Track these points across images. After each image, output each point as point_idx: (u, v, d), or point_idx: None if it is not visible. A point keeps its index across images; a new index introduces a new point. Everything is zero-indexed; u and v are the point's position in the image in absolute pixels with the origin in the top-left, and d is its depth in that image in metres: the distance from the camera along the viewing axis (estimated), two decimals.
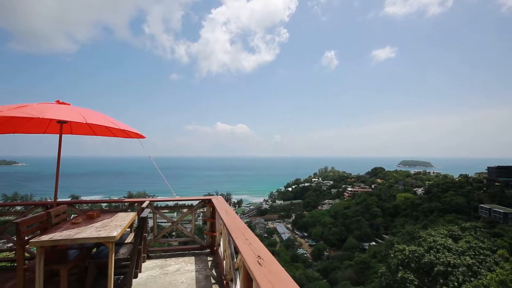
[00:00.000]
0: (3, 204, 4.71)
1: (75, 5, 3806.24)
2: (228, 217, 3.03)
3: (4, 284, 3.44)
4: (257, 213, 77.73)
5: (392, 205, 61.04)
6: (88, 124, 4.18)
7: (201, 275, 3.67)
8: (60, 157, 4.01)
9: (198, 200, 4.90)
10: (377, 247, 44.14)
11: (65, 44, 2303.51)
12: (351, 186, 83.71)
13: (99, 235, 2.93)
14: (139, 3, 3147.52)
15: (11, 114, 2.92)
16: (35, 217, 3.26)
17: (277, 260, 1.80)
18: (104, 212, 4.04)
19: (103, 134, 4.90)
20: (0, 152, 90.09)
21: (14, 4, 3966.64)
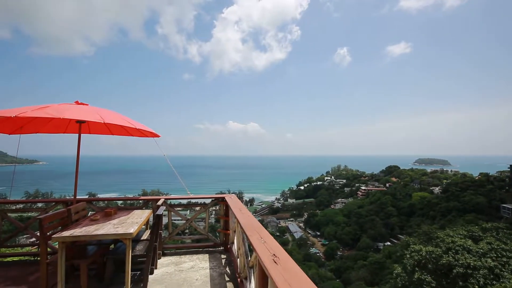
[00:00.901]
0: (26, 201, 4.93)
1: (92, 8, 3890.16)
2: (242, 216, 3.04)
3: (28, 277, 3.59)
4: (269, 211, 77.71)
5: (407, 204, 59.50)
6: (105, 123, 4.30)
7: (215, 273, 3.71)
8: (79, 156, 4.14)
9: (211, 198, 4.95)
10: (392, 247, 43.18)
11: (83, 47, 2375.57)
12: (365, 185, 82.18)
13: (117, 232, 3.01)
14: (153, 4, 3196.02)
15: (34, 115, 3.04)
16: (57, 213, 3.39)
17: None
18: (120, 210, 4.15)
19: (119, 133, 5.02)
20: (23, 151, 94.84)
21: (36, 10, 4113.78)
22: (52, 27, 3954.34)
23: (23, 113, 3.06)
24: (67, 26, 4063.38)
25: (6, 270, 3.82)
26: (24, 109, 3.21)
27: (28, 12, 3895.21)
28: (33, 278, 3.53)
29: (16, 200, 5.01)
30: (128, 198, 5.28)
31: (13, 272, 3.77)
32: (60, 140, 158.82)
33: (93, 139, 4.35)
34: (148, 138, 4.99)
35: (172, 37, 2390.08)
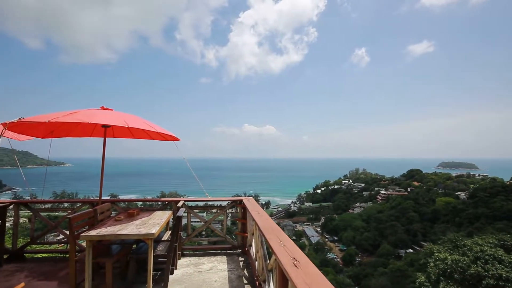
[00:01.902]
0: (55, 201, 5.20)
1: (114, 17, 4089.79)
2: (260, 218, 3.05)
3: (58, 272, 3.80)
4: (285, 215, 77.03)
5: (431, 210, 56.84)
6: (128, 127, 4.48)
7: (233, 275, 3.73)
8: (104, 159, 4.34)
9: (229, 200, 5.00)
10: (414, 254, 41.36)
11: (107, 54, 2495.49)
12: (385, 189, 79.46)
13: (139, 232, 3.12)
14: (171, 11, 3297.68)
15: (64, 120, 3.23)
16: (84, 213, 3.56)
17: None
18: (142, 211, 4.30)
19: (141, 137, 5.22)
20: (51, 154, 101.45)
21: (65, 20, 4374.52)
22: (79, 37, 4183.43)
23: (55, 119, 3.26)
24: (92, 35, 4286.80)
25: (39, 266, 4.07)
26: (55, 115, 3.42)
27: (57, 23, 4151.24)
28: (62, 274, 3.73)
29: (45, 200, 5.31)
30: (149, 200, 5.46)
31: (45, 267, 4.00)
32: (84, 143, 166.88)
33: (115, 142, 4.55)
34: (166, 141, 5.16)
35: (189, 42, 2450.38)
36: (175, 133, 4.70)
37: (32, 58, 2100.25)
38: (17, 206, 4.55)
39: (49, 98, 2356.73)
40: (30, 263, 4.21)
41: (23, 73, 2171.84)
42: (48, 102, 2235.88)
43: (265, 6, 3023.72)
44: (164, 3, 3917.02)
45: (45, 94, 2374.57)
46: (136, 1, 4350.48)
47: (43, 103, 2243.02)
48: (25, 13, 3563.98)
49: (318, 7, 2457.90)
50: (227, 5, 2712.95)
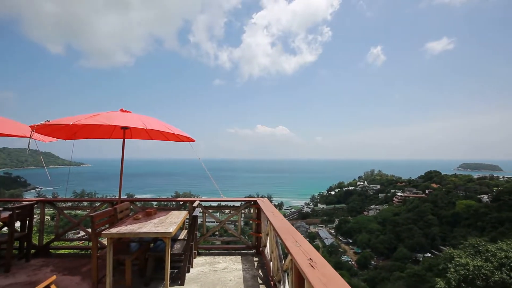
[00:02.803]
0: (77, 200, 5.44)
1: (132, 21, 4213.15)
2: (275, 219, 3.07)
3: (81, 268, 3.97)
4: (298, 216, 76.39)
5: (450, 213, 54.66)
6: (146, 129, 4.63)
7: (248, 275, 3.77)
8: (123, 160, 4.50)
9: (244, 201, 5.05)
10: (433, 259, 39.89)
11: (124, 58, 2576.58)
12: (401, 191, 77.20)
13: (158, 231, 3.21)
14: (186, 14, 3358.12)
15: (87, 122, 3.38)
16: (105, 212, 3.71)
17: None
18: (160, 210, 4.41)
19: (157, 138, 5.36)
20: (73, 155, 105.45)
21: (84, 25, 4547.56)
22: (98, 41, 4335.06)
23: (78, 121, 3.42)
24: (110, 40, 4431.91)
25: (63, 261, 4.27)
26: (78, 117, 3.58)
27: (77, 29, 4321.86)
28: (85, 270, 3.89)
29: (68, 198, 5.55)
30: (166, 199, 5.59)
31: (68, 263, 4.19)
32: (102, 144, 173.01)
33: (132, 143, 4.71)
34: (181, 142, 5.28)
35: (203, 44, 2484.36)
36: (189, 134, 4.80)
37: (54, 63, 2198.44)
38: (43, 204, 4.79)
39: (71, 101, 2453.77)
40: (55, 258, 4.42)
41: (46, 77, 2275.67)
42: (70, 105, 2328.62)
43: (278, 7, 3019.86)
44: (179, 6, 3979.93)
45: (67, 98, 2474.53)
46: (153, 5, 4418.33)
47: (65, 106, 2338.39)
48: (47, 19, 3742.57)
49: (332, 6, 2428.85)
50: (240, 7, 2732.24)
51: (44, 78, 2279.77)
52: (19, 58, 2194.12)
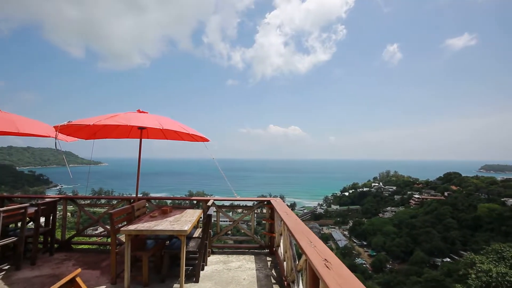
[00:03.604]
0: (96, 197, 5.64)
1: (147, 23, 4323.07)
2: (289, 219, 3.07)
3: (100, 263, 4.12)
4: (311, 217, 75.66)
5: (471, 216, 52.41)
6: (162, 129, 4.74)
7: (261, 274, 3.78)
8: (140, 159, 4.62)
9: (257, 201, 5.07)
10: (452, 264, 38.43)
11: (140, 60, 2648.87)
12: (419, 193, 74.85)
13: (173, 228, 3.29)
14: (199, 15, 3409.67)
15: (107, 123, 3.51)
16: (123, 209, 3.83)
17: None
18: (175, 208, 4.51)
19: (172, 138, 5.47)
20: (89, 154, 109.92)
21: (103, 29, 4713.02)
22: (115, 44, 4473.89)
23: (99, 121, 3.55)
24: (127, 42, 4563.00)
25: (83, 256, 4.44)
26: (99, 118, 3.72)
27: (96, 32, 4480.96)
28: (104, 265, 4.04)
29: (88, 196, 5.77)
30: (181, 198, 5.71)
31: (88, 257, 4.36)
32: (118, 144, 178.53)
33: (146, 142, 4.84)
34: (194, 142, 5.36)
35: (216, 45, 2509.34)
36: (202, 134, 4.87)
37: (74, 66, 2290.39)
38: (65, 201, 5.01)
39: (90, 102, 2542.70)
40: (76, 253, 4.61)
41: (67, 79, 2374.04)
42: (89, 106, 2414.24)
43: (292, 6, 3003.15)
44: (193, 8, 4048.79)
45: (87, 99, 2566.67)
46: (168, 7, 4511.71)
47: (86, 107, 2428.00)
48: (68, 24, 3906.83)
49: (347, 4, 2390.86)
50: (253, 7, 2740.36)
51: (65, 80, 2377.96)
52: (42, 62, 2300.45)
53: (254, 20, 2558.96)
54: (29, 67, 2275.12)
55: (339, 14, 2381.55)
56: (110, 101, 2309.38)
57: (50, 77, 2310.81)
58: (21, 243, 3.86)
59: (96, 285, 3.35)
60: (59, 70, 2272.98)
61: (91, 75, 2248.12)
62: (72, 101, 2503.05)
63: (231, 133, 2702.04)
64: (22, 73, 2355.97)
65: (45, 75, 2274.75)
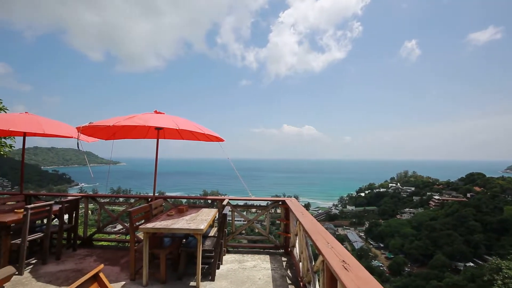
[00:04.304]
0: (115, 196, 5.83)
1: (163, 26, 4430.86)
2: (305, 219, 3.04)
3: (120, 259, 4.25)
4: (326, 218, 74.60)
5: (497, 219, 49.80)
6: (178, 129, 4.82)
7: (276, 274, 3.77)
8: (157, 159, 4.73)
9: (272, 200, 5.06)
10: (476, 269, 36.69)
11: (156, 62, 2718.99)
12: (439, 194, 72.02)
13: (190, 227, 3.34)
14: (214, 16, 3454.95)
15: (126, 123, 3.62)
16: (142, 207, 3.93)
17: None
18: (191, 207, 4.58)
19: (188, 138, 5.56)
20: (108, 154, 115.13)
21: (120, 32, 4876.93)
22: (132, 47, 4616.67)
23: (118, 122, 3.67)
24: (143, 45, 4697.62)
25: (104, 252, 4.61)
26: (118, 119, 3.84)
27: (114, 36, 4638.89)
28: (123, 261, 4.16)
29: (108, 194, 5.96)
30: (197, 197, 5.80)
31: (108, 254, 4.51)
32: (135, 144, 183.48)
33: (162, 143, 4.95)
34: (209, 142, 5.42)
35: (230, 46, 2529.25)
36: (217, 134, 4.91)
37: (94, 69, 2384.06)
38: (87, 199, 5.21)
39: (109, 104, 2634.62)
40: (97, 249, 4.78)
41: (87, 82, 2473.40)
42: (108, 108, 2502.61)
43: (305, 4, 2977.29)
44: (207, 9, 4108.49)
45: (106, 100, 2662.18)
46: (183, 9, 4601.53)
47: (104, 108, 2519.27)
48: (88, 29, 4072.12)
49: (363, 0, 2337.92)
50: (267, 7, 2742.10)
51: (85, 83, 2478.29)
52: (64, 66, 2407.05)
53: (268, 19, 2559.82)
54: (53, 71, 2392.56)
55: (355, 10, 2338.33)
56: (127, 103, 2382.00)
57: (71, 81, 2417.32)
58: (47, 239, 4.05)
59: (116, 281, 3.45)
60: (80, 73, 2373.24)
61: (109, 77, 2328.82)
62: (92, 103, 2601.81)
63: (244, 133, 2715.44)
64: (46, 77, 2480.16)
65: (68, 79, 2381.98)
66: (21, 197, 4.94)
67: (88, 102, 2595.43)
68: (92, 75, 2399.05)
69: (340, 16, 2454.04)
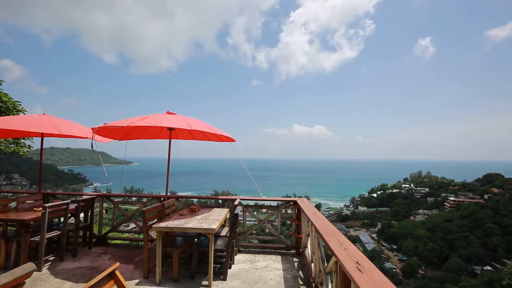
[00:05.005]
0: (129, 195, 5.94)
1: (174, 28, 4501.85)
2: (317, 220, 3.00)
3: (133, 258, 4.33)
4: (337, 218, 73.70)
5: None
6: (190, 130, 4.88)
7: (288, 275, 3.75)
8: (170, 159, 4.80)
9: (283, 201, 5.04)
10: (494, 273, 35.44)
11: (168, 63, 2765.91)
12: (454, 195, 69.87)
13: (202, 227, 3.37)
14: (225, 16, 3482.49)
15: (139, 124, 3.68)
16: (155, 207, 4.00)
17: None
18: (203, 207, 4.62)
19: (199, 138, 5.61)
20: (121, 154, 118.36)
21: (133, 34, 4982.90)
22: (145, 49, 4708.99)
23: (132, 123, 3.74)
24: (156, 47, 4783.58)
25: (118, 250, 4.71)
26: (131, 120, 3.91)
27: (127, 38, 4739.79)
28: (137, 259, 4.24)
29: (122, 194, 6.09)
30: (209, 197, 5.84)
31: (122, 252, 4.61)
32: (147, 144, 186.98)
33: (173, 143, 5.01)
34: (220, 142, 5.45)
35: (241, 46, 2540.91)
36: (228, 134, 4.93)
37: (108, 71, 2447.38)
38: (101, 198, 5.34)
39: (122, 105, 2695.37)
40: (111, 247, 4.89)
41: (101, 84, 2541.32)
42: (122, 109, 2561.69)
43: (317, 4, 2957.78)
44: (219, 10, 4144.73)
45: (119, 102, 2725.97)
46: (194, 10, 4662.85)
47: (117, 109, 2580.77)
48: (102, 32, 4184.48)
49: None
50: (278, 7, 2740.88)
51: (99, 84, 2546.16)
52: (79, 68, 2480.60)
53: (279, 19, 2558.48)
54: (68, 73, 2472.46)
55: (367, 8, 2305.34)
56: (140, 103, 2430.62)
57: (86, 82, 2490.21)
58: (64, 237, 4.18)
59: (130, 279, 3.52)
60: (95, 75, 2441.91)
61: (122, 79, 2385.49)
62: (106, 104, 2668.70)
63: (255, 133, 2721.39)
64: (62, 79, 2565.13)
65: (82, 81, 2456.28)
66: (39, 196, 5.12)
67: (102, 103, 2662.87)
68: (106, 76, 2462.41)
69: (352, 14, 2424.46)
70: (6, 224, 4.14)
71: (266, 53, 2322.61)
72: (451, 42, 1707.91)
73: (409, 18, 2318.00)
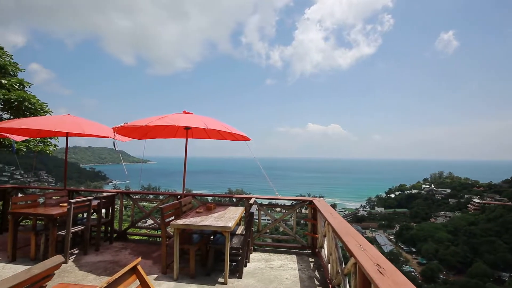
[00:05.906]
0: (147, 192, 6.12)
1: (190, 29, 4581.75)
2: (334, 220, 2.96)
3: (152, 253, 4.46)
4: (353, 219, 72.24)
5: None
6: (206, 129, 4.94)
7: (304, 275, 3.72)
8: (186, 157, 4.89)
9: (298, 200, 5.00)
10: None
11: (183, 64, 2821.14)
12: (479, 197, 66.51)
13: (218, 225, 3.41)
14: (238, 16, 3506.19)
15: (157, 123, 3.77)
16: (172, 204, 4.08)
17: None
18: (219, 205, 4.67)
19: (215, 137, 5.67)
20: (141, 153, 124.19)
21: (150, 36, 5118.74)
22: (161, 51, 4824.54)
23: (150, 123, 3.84)
24: (172, 48, 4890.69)
25: (137, 246, 4.86)
26: (150, 119, 4.01)
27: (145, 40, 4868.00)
28: (155, 255, 4.36)
29: (140, 191, 6.27)
30: (225, 195, 5.93)
31: (141, 248, 4.75)
32: (163, 143, 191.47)
33: (189, 142, 5.09)
34: (235, 141, 5.48)
35: (255, 45, 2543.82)
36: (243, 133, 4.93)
37: (127, 72, 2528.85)
38: (121, 195, 5.53)
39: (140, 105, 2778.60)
40: (131, 243, 5.06)
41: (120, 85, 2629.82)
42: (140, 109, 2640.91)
43: None
44: (232, 9, 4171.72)
45: (138, 102, 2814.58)
46: (208, 11, 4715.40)
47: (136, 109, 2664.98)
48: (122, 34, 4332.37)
49: None
50: (292, 4, 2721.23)
51: (119, 86, 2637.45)
52: (101, 70, 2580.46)
53: (293, 17, 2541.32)
54: (90, 76, 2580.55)
55: (385, 2, 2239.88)
56: (157, 103, 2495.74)
57: (107, 84, 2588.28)
58: (87, 231, 4.37)
59: (149, 273, 3.62)
60: (115, 77, 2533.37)
61: (141, 80, 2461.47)
62: (126, 104, 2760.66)
63: (269, 132, 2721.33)
64: (85, 81, 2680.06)
65: (104, 82, 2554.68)
66: (64, 192, 5.37)
67: (122, 103, 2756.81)
68: (124, 78, 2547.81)
69: (369, 9, 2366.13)
70: (35, 218, 4.39)
71: (280, 52, 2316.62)
72: (476, 35, 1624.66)
73: (430, 10, 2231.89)
